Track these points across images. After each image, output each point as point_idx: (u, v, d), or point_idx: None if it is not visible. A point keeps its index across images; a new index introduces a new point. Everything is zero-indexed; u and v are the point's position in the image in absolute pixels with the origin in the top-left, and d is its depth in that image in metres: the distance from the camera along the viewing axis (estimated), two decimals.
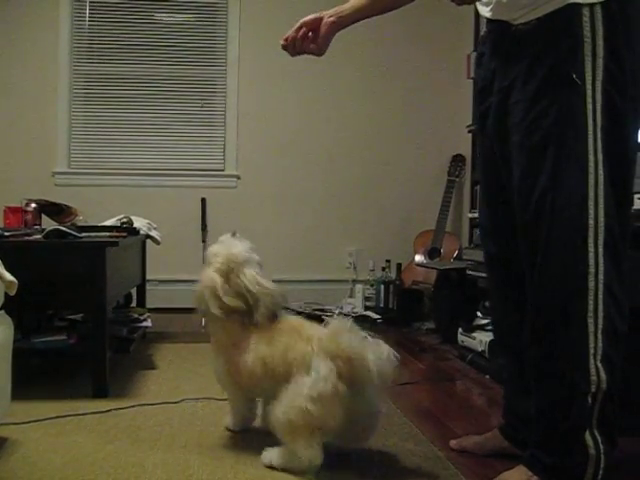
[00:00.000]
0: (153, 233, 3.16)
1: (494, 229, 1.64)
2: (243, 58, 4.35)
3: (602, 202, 1.33)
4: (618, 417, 1.38)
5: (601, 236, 1.33)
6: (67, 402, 2.07)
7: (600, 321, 1.32)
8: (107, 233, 2.51)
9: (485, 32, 1.59)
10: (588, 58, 1.32)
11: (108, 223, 2.86)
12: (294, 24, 1.64)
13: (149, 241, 3.21)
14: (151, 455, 1.65)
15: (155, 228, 3.22)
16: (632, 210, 1.90)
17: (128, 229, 2.73)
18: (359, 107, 4.43)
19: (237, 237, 1.78)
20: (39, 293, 2.15)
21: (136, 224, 2.94)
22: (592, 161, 1.33)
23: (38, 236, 2.32)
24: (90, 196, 4.08)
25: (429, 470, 1.58)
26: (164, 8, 4.34)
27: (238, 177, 4.38)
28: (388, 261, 4.08)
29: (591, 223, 1.33)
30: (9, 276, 1.62)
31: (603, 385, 1.33)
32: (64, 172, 4.24)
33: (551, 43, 1.36)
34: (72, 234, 2.26)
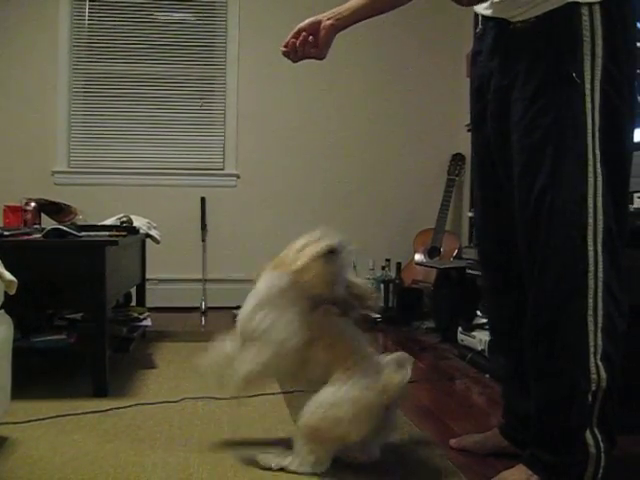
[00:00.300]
0: (153, 232, 3.16)
1: (489, 229, 1.64)
2: (243, 57, 4.34)
3: (600, 201, 1.33)
4: (618, 415, 1.38)
5: (600, 235, 1.33)
6: (67, 401, 2.07)
7: (600, 320, 1.33)
8: (107, 232, 2.51)
9: (480, 30, 1.58)
10: (587, 57, 1.33)
11: (108, 222, 2.86)
12: (294, 23, 1.63)
13: (149, 240, 3.21)
14: (151, 454, 1.65)
15: (155, 227, 3.22)
16: (631, 209, 1.93)
17: (128, 228, 2.73)
18: (359, 106, 4.43)
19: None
20: (39, 292, 2.15)
21: (136, 223, 2.94)
22: (591, 160, 1.33)
23: (38, 235, 2.32)
24: (90, 195, 4.08)
25: (429, 469, 1.58)
26: (164, 7, 4.34)
27: (238, 176, 4.38)
28: (388, 260, 4.08)
29: (590, 222, 1.33)
30: (9, 275, 1.62)
31: (603, 383, 1.33)
32: (64, 171, 4.24)
33: (551, 42, 1.36)
34: (72, 233, 2.26)
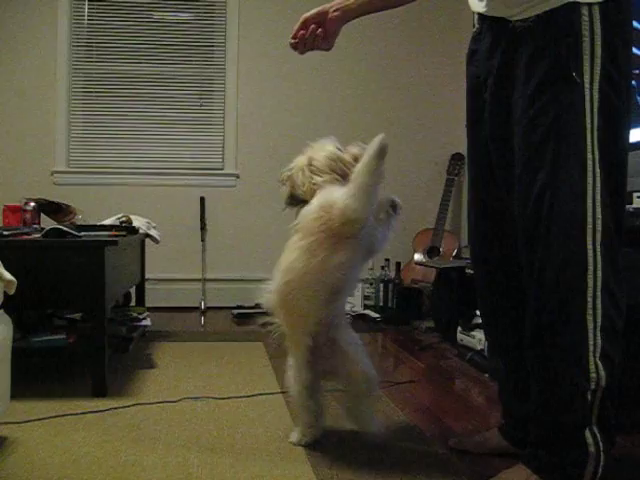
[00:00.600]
0: (152, 232, 3.16)
1: (483, 229, 1.64)
2: (242, 56, 4.33)
3: (599, 200, 1.34)
4: (617, 415, 1.38)
5: (598, 234, 1.33)
6: (66, 401, 2.07)
7: (599, 319, 1.33)
8: (106, 232, 2.51)
9: (477, 29, 1.57)
10: (587, 57, 1.33)
11: (107, 222, 2.86)
12: (293, 23, 1.62)
13: (148, 240, 3.21)
14: (150, 454, 1.65)
15: (154, 227, 3.22)
16: (631, 209, 1.93)
17: (127, 228, 2.73)
18: (358, 105, 4.43)
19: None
20: (38, 292, 2.15)
21: (135, 223, 2.94)
22: (590, 159, 1.34)
23: (37, 235, 2.32)
24: (89, 195, 4.08)
25: (428, 469, 1.58)
26: (163, 6, 4.33)
27: (237, 176, 4.38)
28: (387, 260, 4.08)
29: (589, 221, 1.33)
30: (8, 275, 1.62)
31: (602, 382, 1.33)
32: (63, 171, 4.24)
33: (550, 41, 1.36)
34: (71, 233, 2.26)
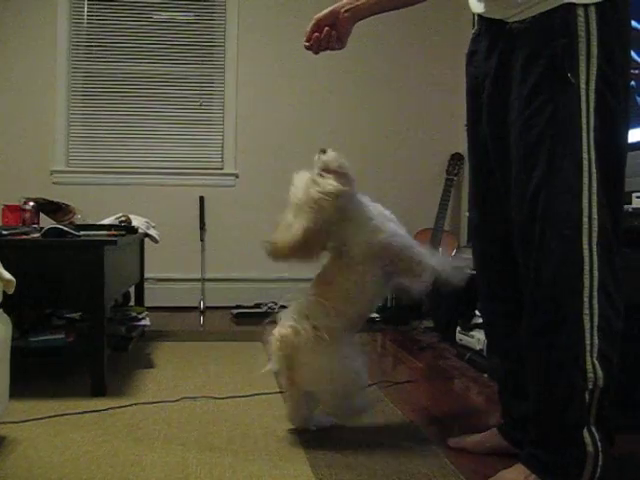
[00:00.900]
0: (151, 232, 3.15)
1: (484, 229, 1.64)
2: (242, 56, 4.33)
3: (595, 200, 1.34)
4: (616, 415, 1.38)
5: (595, 234, 1.33)
6: (65, 401, 2.07)
7: (595, 318, 1.33)
8: (105, 232, 2.51)
9: (476, 30, 1.58)
10: (582, 58, 1.33)
11: (106, 222, 2.86)
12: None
13: (147, 239, 3.21)
14: (149, 454, 1.65)
15: (153, 227, 3.22)
16: (630, 209, 1.93)
17: (126, 228, 2.73)
18: (358, 105, 4.42)
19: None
20: (37, 292, 2.15)
21: (134, 223, 2.93)
22: (586, 159, 1.34)
23: (36, 235, 2.32)
24: (88, 194, 4.07)
25: (428, 469, 1.58)
26: (162, 6, 4.33)
27: (237, 176, 4.37)
28: None
29: (585, 220, 1.33)
30: (7, 275, 1.61)
31: (600, 382, 1.33)
32: (62, 170, 4.24)
33: (546, 42, 1.36)
34: (70, 233, 2.26)
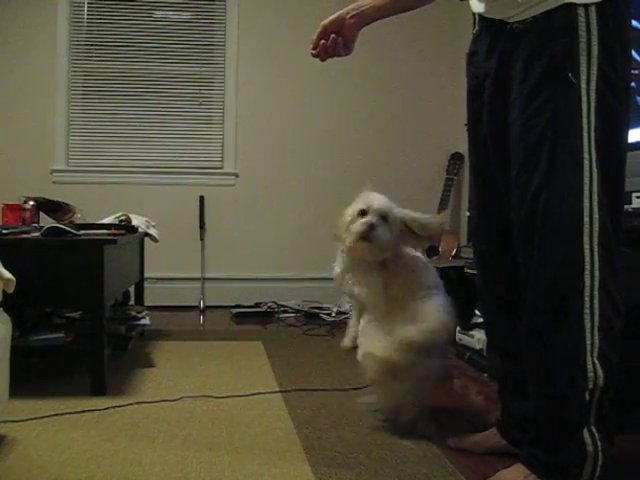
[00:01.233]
0: (151, 231, 3.15)
1: (485, 229, 1.64)
2: (242, 56, 4.32)
3: (596, 200, 1.34)
4: (616, 415, 1.38)
5: (596, 233, 1.33)
6: (65, 400, 2.07)
7: (596, 318, 1.33)
8: (105, 231, 2.51)
9: (477, 30, 1.59)
10: (583, 58, 1.33)
11: (106, 221, 2.86)
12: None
13: (147, 239, 3.21)
14: (149, 453, 1.65)
15: (153, 226, 3.22)
16: (630, 209, 1.93)
17: (126, 227, 2.73)
18: (358, 105, 4.42)
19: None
20: (37, 291, 2.15)
21: (134, 222, 2.93)
22: (587, 159, 1.34)
23: (36, 234, 2.32)
24: (88, 194, 4.07)
25: (427, 469, 1.58)
26: (162, 6, 4.32)
27: (236, 175, 4.37)
28: None
29: (586, 220, 1.33)
30: (7, 274, 1.62)
31: (600, 382, 1.33)
32: (62, 170, 4.23)
33: (547, 42, 1.36)
34: (70, 232, 2.26)
